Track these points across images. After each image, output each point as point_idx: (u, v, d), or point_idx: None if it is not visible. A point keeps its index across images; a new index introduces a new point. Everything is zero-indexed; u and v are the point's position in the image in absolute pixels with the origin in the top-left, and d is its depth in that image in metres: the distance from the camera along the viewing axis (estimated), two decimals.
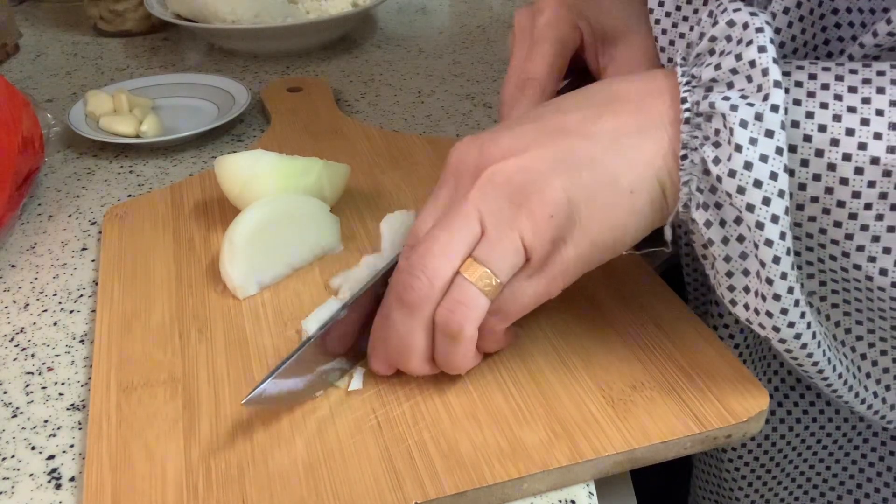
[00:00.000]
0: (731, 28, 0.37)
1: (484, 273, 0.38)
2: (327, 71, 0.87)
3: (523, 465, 0.38)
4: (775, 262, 0.35)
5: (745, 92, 0.36)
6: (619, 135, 0.38)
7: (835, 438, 0.52)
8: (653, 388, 0.42)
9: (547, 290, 0.40)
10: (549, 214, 0.37)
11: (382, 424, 0.41)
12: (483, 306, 0.39)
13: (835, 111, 0.35)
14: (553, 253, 0.38)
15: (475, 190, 0.39)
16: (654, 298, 0.48)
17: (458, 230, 0.39)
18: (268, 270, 0.51)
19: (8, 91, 0.62)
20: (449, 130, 0.73)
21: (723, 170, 0.35)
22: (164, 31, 1.00)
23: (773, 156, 0.34)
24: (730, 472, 0.53)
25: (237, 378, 0.44)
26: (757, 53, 0.35)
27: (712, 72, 0.37)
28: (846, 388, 0.42)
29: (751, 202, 0.35)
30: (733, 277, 0.38)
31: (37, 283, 0.55)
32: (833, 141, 0.35)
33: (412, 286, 0.39)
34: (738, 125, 0.35)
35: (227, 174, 0.54)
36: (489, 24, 1.00)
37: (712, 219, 0.37)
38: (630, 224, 0.39)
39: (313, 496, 0.37)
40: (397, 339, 0.40)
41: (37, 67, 0.91)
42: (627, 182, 0.38)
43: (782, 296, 0.36)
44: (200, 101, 0.77)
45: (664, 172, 0.38)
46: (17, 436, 0.43)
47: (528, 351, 0.44)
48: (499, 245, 0.38)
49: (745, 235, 0.36)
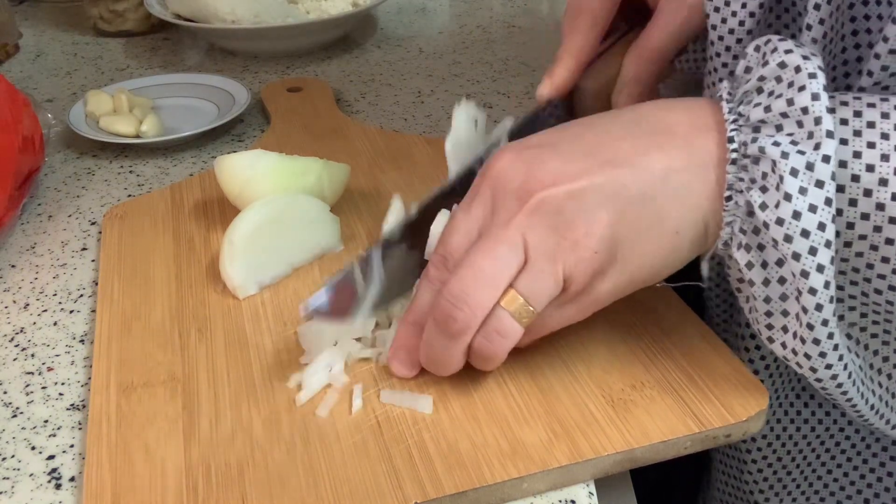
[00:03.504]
0: (783, 69, 0.36)
1: (522, 304, 0.38)
2: (327, 71, 0.87)
3: (523, 464, 0.38)
4: (817, 310, 0.35)
5: (795, 137, 0.35)
6: (669, 172, 0.38)
7: (853, 442, 0.53)
8: (653, 387, 0.42)
9: (577, 317, 0.41)
10: (594, 250, 0.37)
11: (382, 424, 0.41)
12: (518, 334, 0.39)
13: (882, 150, 0.35)
14: (590, 285, 0.39)
15: (522, 216, 0.38)
16: (654, 298, 0.48)
17: (502, 259, 0.38)
18: (268, 270, 0.51)
19: (8, 91, 0.62)
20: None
21: (770, 216, 0.35)
22: (164, 31, 1.00)
23: (822, 206, 0.34)
24: (752, 474, 0.53)
25: (237, 378, 0.44)
26: (810, 101, 0.35)
27: (761, 113, 0.37)
28: (877, 416, 0.42)
29: (797, 251, 0.35)
30: (772, 317, 0.38)
31: (37, 283, 0.55)
32: (881, 181, 0.35)
33: (455, 318, 0.39)
34: (788, 173, 0.35)
35: (227, 174, 0.54)
36: (489, 24, 1.00)
37: (754, 260, 0.37)
38: (669, 261, 0.39)
39: (313, 496, 0.37)
40: (435, 357, 0.41)
41: (37, 67, 0.91)
42: (674, 223, 0.38)
43: (822, 341, 0.36)
44: (200, 101, 0.77)
45: (709, 212, 0.38)
46: (17, 436, 0.43)
47: (529, 351, 0.44)
48: (541, 278, 0.38)
49: (787, 278, 0.36)
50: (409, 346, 0.43)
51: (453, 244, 0.41)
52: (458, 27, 0.99)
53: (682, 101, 0.41)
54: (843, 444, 0.53)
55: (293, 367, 0.44)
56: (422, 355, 0.42)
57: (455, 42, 0.95)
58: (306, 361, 0.44)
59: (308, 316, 0.42)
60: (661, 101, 0.41)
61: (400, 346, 0.43)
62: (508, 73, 0.85)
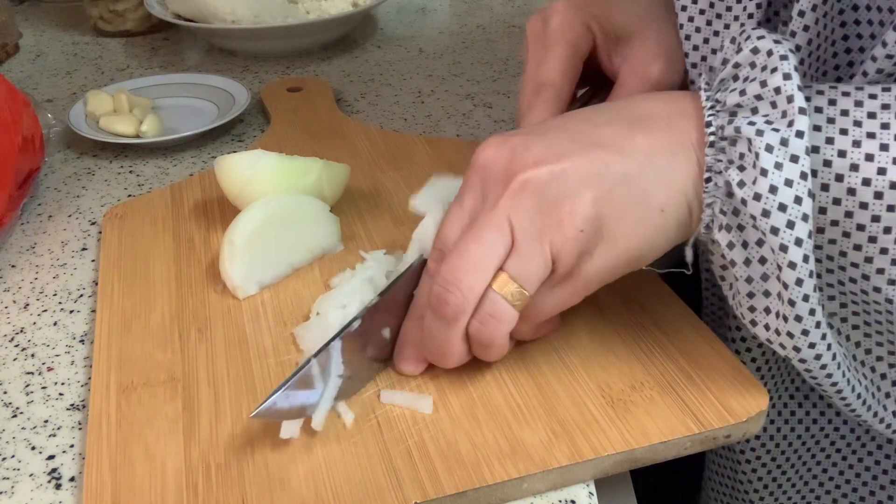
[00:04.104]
0: (756, 55, 0.37)
1: (514, 287, 0.39)
2: (327, 71, 0.87)
3: (523, 464, 0.38)
4: (798, 285, 0.36)
5: (770, 118, 0.36)
6: (653, 153, 0.38)
7: (848, 441, 0.53)
8: (652, 388, 0.42)
9: (569, 299, 0.41)
10: (579, 228, 0.38)
11: (382, 424, 0.41)
12: (513, 318, 0.40)
13: (854, 137, 0.36)
14: (578, 265, 0.39)
15: (506, 198, 0.39)
16: (654, 298, 0.48)
17: (490, 242, 0.39)
18: (268, 270, 0.51)
19: (8, 91, 0.62)
20: (449, 130, 0.73)
21: (748, 193, 0.35)
22: (164, 31, 1.00)
23: (797, 180, 0.35)
24: (746, 474, 0.53)
25: (237, 378, 0.44)
26: (782, 80, 0.36)
27: (737, 97, 0.37)
28: (864, 407, 0.42)
29: (775, 225, 0.35)
30: (754, 298, 0.38)
31: (37, 283, 0.55)
32: (853, 166, 0.35)
33: (447, 301, 0.39)
34: (763, 150, 0.35)
35: (226, 174, 0.54)
36: (489, 24, 1.00)
37: (735, 240, 0.37)
38: (656, 242, 0.39)
39: (313, 496, 0.37)
40: (436, 346, 0.41)
41: (37, 67, 0.91)
42: (658, 201, 0.38)
43: (804, 317, 0.36)
44: (200, 101, 0.77)
45: (692, 194, 0.38)
46: (17, 436, 0.43)
47: (528, 351, 0.44)
48: (529, 259, 0.38)
49: (767, 257, 0.36)
50: (414, 341, 0.43)
51: (448, 235, 0.41)
52: (458, 27, 0.99)
53: (661, 93, 0.41)
54: (837, 443, 0.53)
55: (293, 367, 0.44)
56: (424, 347, 0.42)
57: (455, 42, 0.95)
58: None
59: (260, 416, 0.38)
60: (639, 95, 0.41)
61: (405, 342, 0.43)
62: (508, 73, 0.85)
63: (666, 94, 0.41)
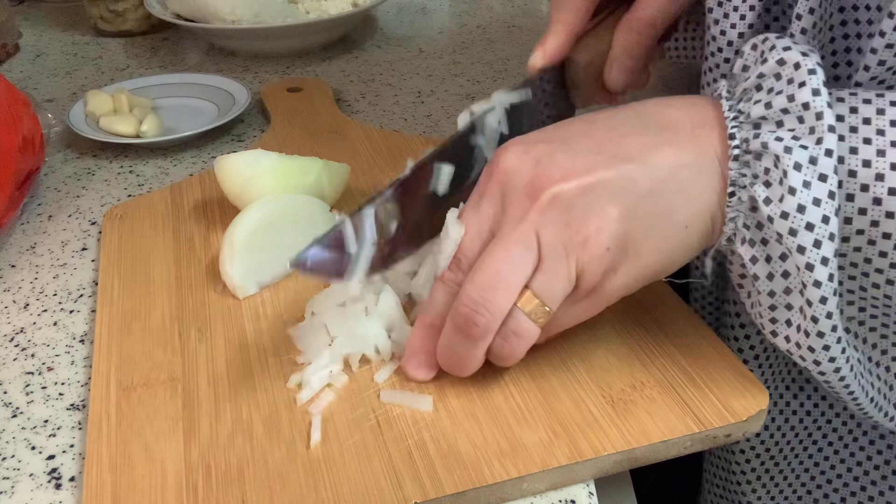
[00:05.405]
0: (781, 66, 0.37)
1: (538, 304, 0.39)
2: (327, 71, 0.87)
3: (523, 464, 0.38)
4: (822, 303, 0.36)
5: (797, 133, 0.36)
6: (677, 167, 0.38)
7: (840, 435, 0.53)
8: (653, 387, 0.42)
9: (588, 313, 0.41)
10: (605, 246, 0.37)
11: (382, 424, 0.41)
12: (535, 335, 0.40)
13: (878, 146, 0.35)
14: (601, 282, 0.39)
15: (534, 213, 0.38)
16: (654, 298, 0.48)
17: (518, 260, 0.38)
18: (268, 270, 0.51)
19: (8, 91, 0.62)
20: (449, 130, 0.73)
21: (774, 211, 0.35)
22: (164, 31, 1.00)
23: (825, 199, 0.35)
24: (740, 465, 0.54)
25: (237, 378, 0.44)
26: (811, 96, 0.35)
27: (761, 109, 0.37)
28: (876, 409, 0.43)
29: (802, 244, 0.35)
30: (776, 311, 0.38)
31: (37, 283, 0.55)
32: (878, 176, 0.35)
33: (476, 323, 0.39)
34: (792, 168, 0.35)
35: (226, 174, 0.54)
36: (489, 24, 1.00)
37: (758, 255, 0.37)
38: (678, 256, 0.39)
39: (313, 496, 0.37)
40: (456, 360, 0.41)
41: (37, 67, 0.91)
42: (683, 217, 0.38)
43: (826, 333, 0.36)
44: (200, 101, 0.77)
45: (716, 207, 0.38)
46: (17, 436, 0.43)
47: (529, 351, 0.44)
48: (555, 277, 0.38)
49: (791, 272, 0.36)
50: (427, 349, 0.42)
51: (466, 244, 0.41)
52: (458, 27, 0.99)
53: (681, 98, 0.41)
54: (830, 436, 0.53)
55: (293, 367, 0.44)
56: (441, 359, 0.42)
57: (455, 42, 0.95)
58: (302, 361, 0.44)
59: (294, 266, 0.40)
60: (660, 99, 0.41)
61: (417, 349, 0.43)
62: (508, 73, 0.85)
63: (687, 99, 0.40)
